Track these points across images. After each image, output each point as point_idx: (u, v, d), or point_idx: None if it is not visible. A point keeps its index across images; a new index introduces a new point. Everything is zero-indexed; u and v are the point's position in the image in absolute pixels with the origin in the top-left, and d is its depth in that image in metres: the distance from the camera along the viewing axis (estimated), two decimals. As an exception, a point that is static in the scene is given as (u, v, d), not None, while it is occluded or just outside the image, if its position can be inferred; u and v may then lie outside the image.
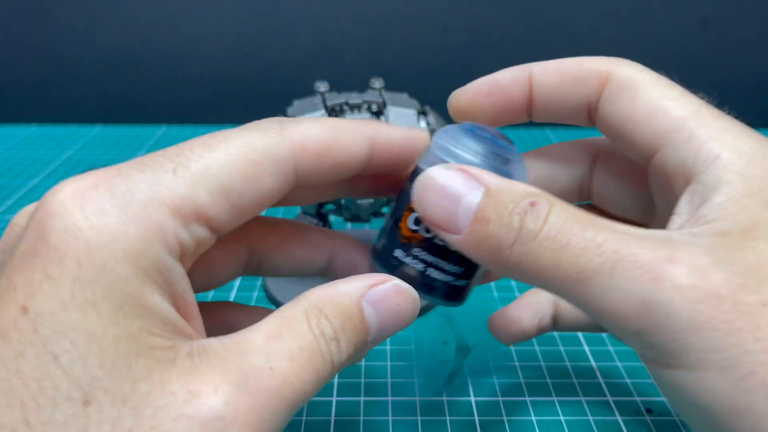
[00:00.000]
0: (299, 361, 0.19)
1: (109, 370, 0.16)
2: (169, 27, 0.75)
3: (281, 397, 0.18)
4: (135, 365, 0.17)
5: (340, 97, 0.37)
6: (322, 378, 0.20)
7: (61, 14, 0.75)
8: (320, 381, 0.20)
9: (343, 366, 0.20)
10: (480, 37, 0.76)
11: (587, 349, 0.37)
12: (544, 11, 0.75)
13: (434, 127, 0.38)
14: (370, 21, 0.75)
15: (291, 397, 0.18)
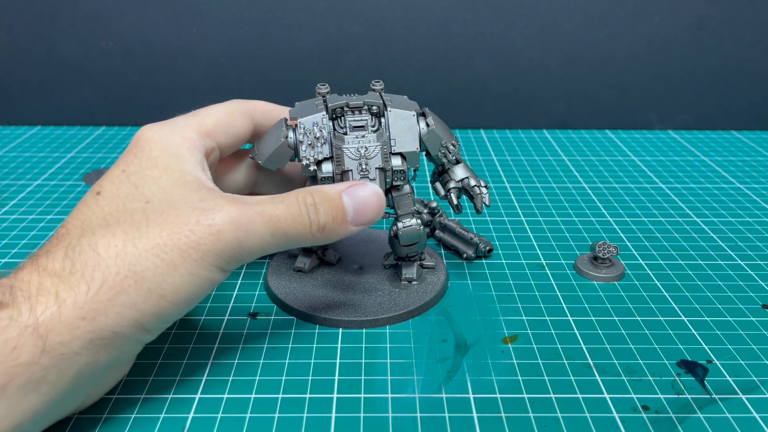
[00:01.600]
0: (283, 208, 0.32)
1: (168, 194, 0.32)
2: (172, 29, 0.76)
3: (263, 215, 0.31)
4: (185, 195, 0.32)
5: (341, 99, 0.37)
6: (299, 226, 0.32)
7: (64, 16, 0.75)
8: (299, 229, 0.32)
9: (324, 229, 0.33)
10: (479, 38, 0.77)
11: (584, 348, 0.38)
12: (542, 12, 0.76)
13: (434, 128, 0.39)
14: (370, 23, 0.76)
15: (272, 222, 0.31)
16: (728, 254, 0.49)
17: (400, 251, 0.41)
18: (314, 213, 0.32)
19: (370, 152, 0.37)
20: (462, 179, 0.41)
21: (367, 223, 0.34)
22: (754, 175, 0.66)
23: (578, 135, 0.79)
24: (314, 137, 0.37)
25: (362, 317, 0.39)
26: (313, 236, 0.32)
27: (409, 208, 0.40)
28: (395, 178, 0.38)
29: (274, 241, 0.31)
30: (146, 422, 0.32)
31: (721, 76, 0.79)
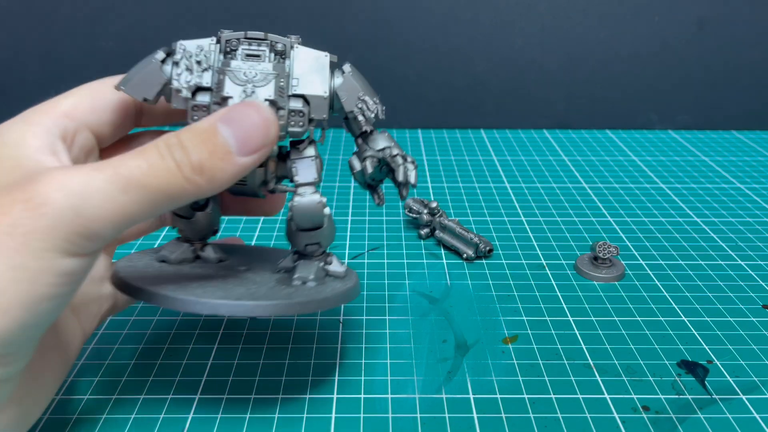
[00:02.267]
0: (133, 156, 0.25)
1: None
2: (170, 29, 0.76)
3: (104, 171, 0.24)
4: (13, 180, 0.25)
5: None
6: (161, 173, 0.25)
7: (63, 16, 0.75)
8: (164, 177, 0.25)
9: (203, 169, 0.25)
10: (479, 38, 0.77)
11: (585, 348, 0.38)
12: (542, 12, 0.75)
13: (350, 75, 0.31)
14: (370, 23, 0.76)
15: (119, 176, 0.24)
16: (728, 254, 0.49)
17: (296, 239, 0.32)
18: (180, 152, 0.25)
19: (261, 78, 0.29)
20: (383, 148, 0.32)
21: (259, 147, 0.27)
22: (755, 175, 0.66)
23: (578, 135, 0.79)
24: (195, 60, 0.29)
25: (219, 299, 0.28)
26: (190, 182, 0.25)
27: (310, 177, 0.31)
28: (292, 123, 0.30)
29: (133, 201, 0.24)
30: (146, 423, 0.32)
31: (722, 76, 0.79)
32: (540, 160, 0.70)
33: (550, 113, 0.81)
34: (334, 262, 0.33)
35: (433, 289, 0.44)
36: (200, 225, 0.33)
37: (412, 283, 0.45)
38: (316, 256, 0.33)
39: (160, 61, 0.29)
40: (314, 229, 0.32)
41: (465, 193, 0.61)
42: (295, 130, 0.30)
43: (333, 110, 0.31)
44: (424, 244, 0.51)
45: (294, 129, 0.30)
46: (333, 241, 0.33)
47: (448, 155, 0.71)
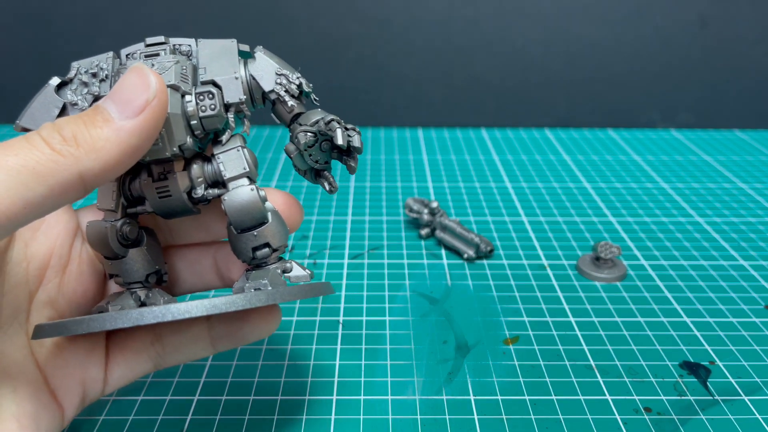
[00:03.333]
0: None
1: None
2: (168, 28, 0.75)
3: None
4: None
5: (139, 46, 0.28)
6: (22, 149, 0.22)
7: (61, 15, 0.75)
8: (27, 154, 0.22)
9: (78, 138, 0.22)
10: (479, 36, 0.76)
11: (586, 349, 0.38)
12: (542, 11, 0.75)
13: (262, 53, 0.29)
14: (370, 21, 0.76)
15: None
16: (731, 255, 0.49)
17: (239, 246, 0.28)
18: (48, 130, 0.23)
19: (161, 67, 0.26)
20: (316, 121, 0.28)
21: (143, 105, 0.24)
22: (757, 175, 0.66)
23: (580, 134, 0.79)
24: (90, 74, 0.27)
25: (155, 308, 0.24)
26: (63, 154, 0.22)
27: (240, 168, 0.28)
28: (203, 108, 0.27)
29: None
30: (145, 424, 0.32)
31: (724, 74, 0.78)
32: (541, 159, 0.70)
33: (551, 112, 0.80)
34: (295, 267, 0.29)
35: (434, 290, 0.44)
36: (137, 265, 0.29)
37: (412, 284, 0.45)
38: (271, 264, 0.28)
39: (55, 87, 0.27)
40: (257, 227, 0.28)
41: (466, 192, 0.61)
42: (208, 115, 0.27)
43: (254, 100, 0.28)
44: (425, 244, 0.51)
45: (206, 114, 0.27)
46: (286, 243, 0.29)
47: (449, 154, 0.71)
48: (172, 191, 0.28)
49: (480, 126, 0.81)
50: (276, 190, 0.30)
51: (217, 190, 0.28)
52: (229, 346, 0.31)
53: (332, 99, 0.75)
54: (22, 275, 0.28)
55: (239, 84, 0.27)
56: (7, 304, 0.27)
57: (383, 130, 0.79)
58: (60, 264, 0.29)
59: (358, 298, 0.43)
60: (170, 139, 0.26)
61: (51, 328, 0.25)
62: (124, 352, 0.30)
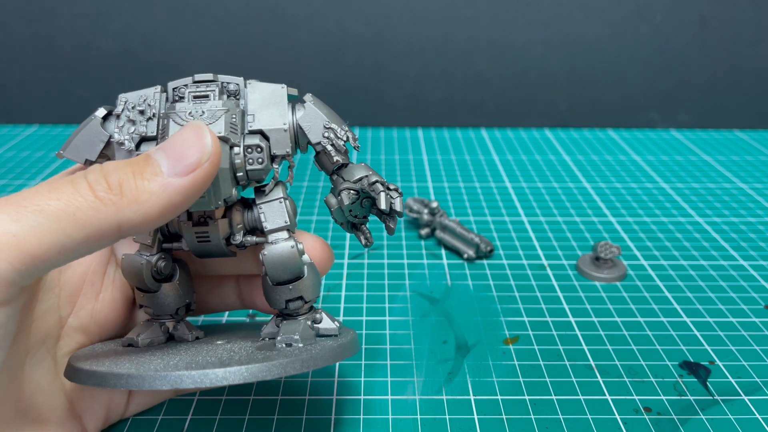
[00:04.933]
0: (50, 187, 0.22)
1: None
2: (169, 28, 0.75)
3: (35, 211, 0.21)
4: None
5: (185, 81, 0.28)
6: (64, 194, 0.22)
7: (62, 15, 0.75)
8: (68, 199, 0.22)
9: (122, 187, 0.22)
10: (480, 36, 0.76)
11: (586, 349, 0.38)
12: (543, 11, 0.75)
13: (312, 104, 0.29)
14: (370, 21, 0.76)
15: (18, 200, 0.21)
16: (730, 254, 0.49)
17: (274, 296, 0.28)
18: (95, 175, 0.23)
19: (209, 116, 0.26)
20: (360, 178, 0.28)
21: (195, 164, 0.23)
22: (757, 175, 0.66)
23: (580, 134, 0.79)
24: (138, 111, 0.27)
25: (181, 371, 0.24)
26: (105, 202, 0.22)
27: (281, 221, 0.28)
28: (250, 161, 0.27)
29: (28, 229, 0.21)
30: (144, 424, 0.32)
31: (723, 74, 0.78)
32: (541, 159, 0.70)
33: (551, 112, 0.80)
34: (325, 318, 0.29)
35: (434, 290, 0.44)
36: (168, 299, 0.29)
37: (412, 284, 0.45)
38: (302, 314, 0.29)
39: (101, 119, 0.27)
40: (293, 281, 0.28)
41: (466, 192, 0.61)
42: (255, 169, 0.27)
43: (299, 147, 0.28)
44: (425, 244, 0.51)
45: (253, 168, 0.27)
46: (319, 294, 0.29)
47: (449, 154, 0.71)
48: (211, 237, 0.28)
49: (480, 126, 0.81)
50: (309, 235, 0.30)
51: (256, 238, 0.29)
52: None
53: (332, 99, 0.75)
54: (54, 301, 0.28)
55: (287, 136, 0.27)
56: (36, 330, 0.27)
57: (383, 130, 0.79)
58: (93, 291, 0.29)
59: (358, 298, 0.43)
60: (217, 192, 0.26)
61: (87, 376, 0.25)
62: None
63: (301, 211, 0.56)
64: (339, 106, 0.68)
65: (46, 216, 0.21)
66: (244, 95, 0.28)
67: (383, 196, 0.27)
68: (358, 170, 0.29)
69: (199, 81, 0.27)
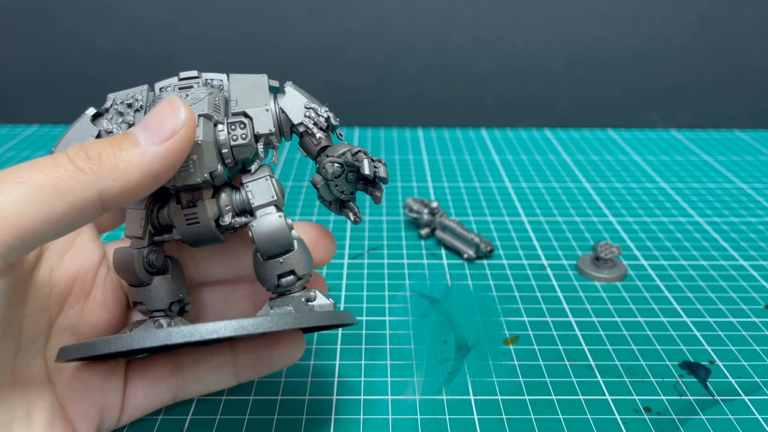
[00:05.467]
0: None
1: None
2: (169, 27, 0.75)
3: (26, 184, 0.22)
4: None
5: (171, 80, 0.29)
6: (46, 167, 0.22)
7: (62, 15, 0.75)
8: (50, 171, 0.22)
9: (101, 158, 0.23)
10: (480, 36, 0.76)
11: (586, 349, 0.38)
12: (543, 10, 0.75)
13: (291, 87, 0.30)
14: (371, 21, 0.76)
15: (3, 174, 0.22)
16: (730, 254, 0.49)
17: (265, 273, 0.29)
18: (75, 149, 0.23)
19: (194, 98, 0.27)
20: (343, 152, 0.29)
21: (169, 131, 0.24)
22: (757, 175, 0.66)
23: (580, 134, 0.79)
24: (126, 104, 0.28)
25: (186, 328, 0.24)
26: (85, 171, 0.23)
27: (268, 196, 0.28)
28: (234, 137, 0.28)
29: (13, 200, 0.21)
30: (144, 423, 0.32)
31: (724, 74, 0.78)
32: (541, 159, 0.70)
33: (551, 112, 0.80)
34: (319, 295, 0.29)
35: (434, 290, 0.44)
36: (162, 292, 0.29)
37: (412, 284, 0.45)
38: (295, 292, 0.29)
39: (91, 117, 0.28)
40: (283, 254, 0.28)
41: (466, 192, 0.61)
42: (239, 144, 0.28)
43: (283, 134, 0.29)
44: (425, 244, 0.51)
45: (237, 143, 0.28)
46: (310, 270, 0.29)
47: (449, 154, 0.71)
48: (200, 218, 0.28)
49: (480, 126, 0.81)
50: (308, 223, 0.31)
51: (245, 218, 0.29)
52: (252, 376, 0.31)
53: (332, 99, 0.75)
54: (45, 300, 0.28)
55: (269, 116, 0.28)
56: (27, 328, 0.27)
57: (383, 130, 0.79)
58: (83, 291, 0.29)
59: (358, 298, 0.43)
60: (202, 165, 0.27)
61: (77, 349, 0.25)
62: (143, 381, 0.30)
63: (301, 210, 0.56)
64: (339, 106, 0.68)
65: (28, 187, 0.22)
66: (227, 87, 0.29)
67: (366, 163, 0.28)
68: (341, 147, 0.29)
69: (185, 78, 0.28)
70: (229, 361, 0.31)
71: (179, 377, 0.31)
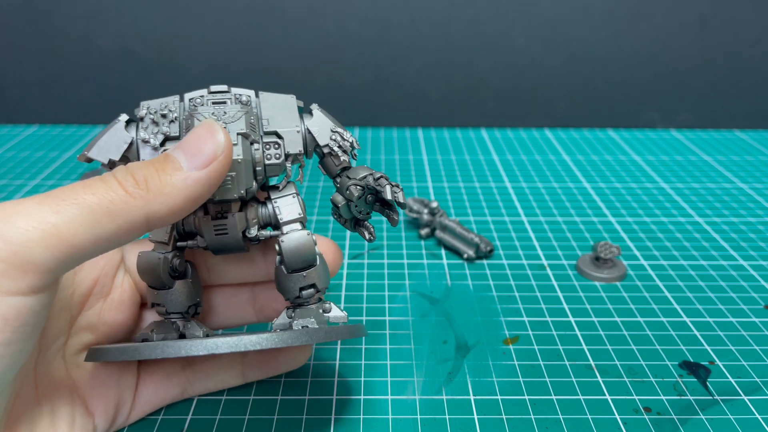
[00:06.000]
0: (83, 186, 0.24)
1: None
2: (169, 27, 0.75)
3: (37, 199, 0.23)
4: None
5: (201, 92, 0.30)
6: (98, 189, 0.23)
7: (62, 15, 0.75)
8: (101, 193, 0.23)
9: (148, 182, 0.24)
10: (480, 36, 0.76)
11: (586, 349, 0.38)
12: (543, 10, 0.75)
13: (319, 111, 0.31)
14: (370, 21, 0.76)
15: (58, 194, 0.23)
16: (730, 254, 0.49)
17: (287, 285, 0.30)
18: (123, 173, 0.25)
19: (231, 116, 0.28)
20: (365, 176, 0.31)
21: (210, 158, 0.25)
22: (757, 175, 0.66)
23: (580, 134, 0.79)
24: (160, 114, 0.29)
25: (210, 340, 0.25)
26: (133, 196, 0.24)
27: (295, 213, 0.30)
28: (268, 156, 0.29)
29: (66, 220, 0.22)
30: (145, 423, 0.32)
31: (724, 74, 0.78)
32: (541, 159, 0.70)
33: (551, 112, 0.80)
34: (334, 308, 0.31)
35: (434, 290, 0.44)
36: (182, 296, 0.30)
37: (412, 284, 0.45)
38: (312, 304, 0.30)
39: (124, 123, 0.29)
40: (306, 269, 0.30)
41: (466, 192, 0.61)
42: (273, 163, 0.29)
43: (306, 153, 0.31)
44: (425, 244, 0.51)
45: (271, 162, 0.29)
46: (328, 284, 0.31)
47: (449, 154, 0.71)
48: (229, 229, 0.29)
49: (480, 126, 0.81)
50: (322, 237, 0.33)
51: (270, 232, 0.30)
52: (259, 376, 0.33)
53: (332, 99, 0.75)
54: (67, 300, 0.29)
55: (300, 137, 0.30)
56: (50, 328, 0.28)
57: (383, 130, 0.79)
58: (102, 292, 0.31)
59: (358, 298, 0.43)
60: (239, 182, 0.28)
61: (118, 352, 0.26)
62: (154, 376, 0.32)
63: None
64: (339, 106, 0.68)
65: (82, 208, 0.23)
66: (256, 104, 0.30)
67: (389, 189, 0.30)
68: (362, 170, 0.31)
69: (215, 91, 0.29)
70: (237, 361, 0.32)
71: (189, 373, 0.32)
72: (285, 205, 0.30)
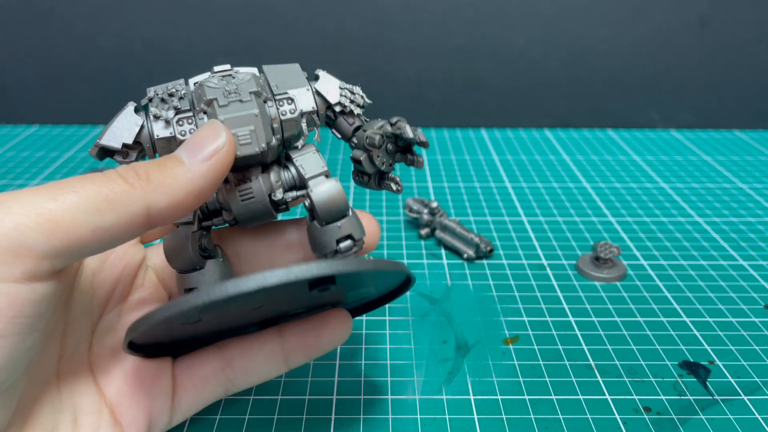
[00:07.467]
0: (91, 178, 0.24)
1: None
2: (169, 28, 0.75)
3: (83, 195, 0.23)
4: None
5: None
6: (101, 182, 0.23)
7: (62, 15, 0.75)
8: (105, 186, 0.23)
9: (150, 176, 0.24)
10: (479, 37, 0.76)
11: (586, 349, 0.38)
12: (543, 10, 0.75)
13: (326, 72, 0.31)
14: (370, 21, 0.76)
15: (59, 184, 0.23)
16: (730, 254, 0.49)
17: (323, 240, 0.29)
18: (125, 167, 0.25)
19: (240, 78, 0.28)
20: (381, 125, 0.31)
21: (212, 150, 0.26)
22: (757, 175, 0.66)
23: (579, 134, 0.79)
24: (167, 94, 0.29)
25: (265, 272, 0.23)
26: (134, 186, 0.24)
27: (318, 168, 0.29)
28: (283, 113, 0.29)
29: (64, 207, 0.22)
30: (144, 424, 0.32)
31: (723, 74, 0.78)
32: (541, 159, 0.70)
33: (551, 112, 0.80)
34: None
35: (434, 290, 0.44)
36: (214, 276, 0.30)
37: (412, 284, 0.45)
38: (346, 249, 0.29)
39: (133, 108, 0.29)
40: (340, 219, 0.29)
41: (465, 192, 0.61)
42: (288, 118, 0.29)
43: (318, 116, 0.30)
44: (425, 244, 0.51)
45: (287, 117, 0.29)
46: (364, 235, 0.30)
47: (449, 154, 0.71)
48: (255, 193, 0.29)
49: (480, 126, 0.81)
50: (359, 210, 0.31)
51: (297, 192, 0.29)
52: (302, 360, 0.31)
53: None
54: (87, 304, 0.28)
55: (310, 95, 0.30)
56: (70, 333, 0.27)
57: (383, 130, 0.79)
58: (122, 294, 0.30)
59: (358, 298, 0.43)
60: (258, 136, 0.27)
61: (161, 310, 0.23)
62: (192, 380, 0.30)
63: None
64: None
65: (81, 196, 0.23)
66: (263, 77, 0.30)
67: (409, 128, 0.29)
68: (376, 122, 0.31)
69: (219, 71, 0.29)
70: (278, 349, 0.31)
71: (229, 371, 0.31)
72: (307, 161, 0.29)
